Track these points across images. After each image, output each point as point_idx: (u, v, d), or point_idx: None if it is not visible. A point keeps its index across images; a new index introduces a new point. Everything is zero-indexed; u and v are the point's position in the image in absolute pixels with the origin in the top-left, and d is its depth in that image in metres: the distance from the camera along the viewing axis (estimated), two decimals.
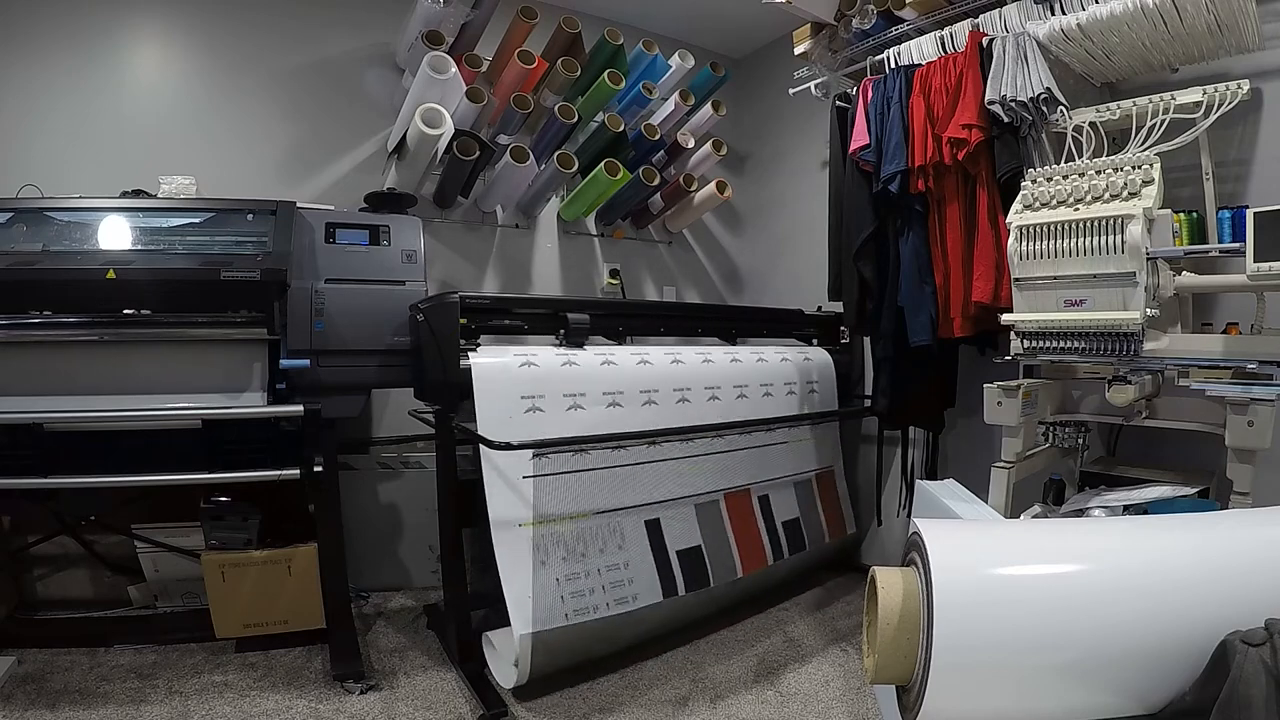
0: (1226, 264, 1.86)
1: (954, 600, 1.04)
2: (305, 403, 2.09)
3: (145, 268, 2.01)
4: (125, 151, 2.60)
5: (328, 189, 2.93)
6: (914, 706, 1.07)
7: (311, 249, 2.26)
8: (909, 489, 3.02)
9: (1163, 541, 1.13)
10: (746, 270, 4.08)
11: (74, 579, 2.49)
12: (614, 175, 2.99)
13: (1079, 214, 1.72)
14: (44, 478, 1.94)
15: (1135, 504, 1.71)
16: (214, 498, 2.22)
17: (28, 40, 2.51)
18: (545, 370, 2.19)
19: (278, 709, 1.97)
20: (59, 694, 1.99)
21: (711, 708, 2.06)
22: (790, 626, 2.64)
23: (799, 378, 2.92)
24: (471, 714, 2.00)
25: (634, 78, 3.14)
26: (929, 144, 2.29)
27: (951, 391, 2.73)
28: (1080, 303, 1.73)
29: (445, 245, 3.13)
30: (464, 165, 2.74)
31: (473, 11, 2.75)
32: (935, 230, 2.37)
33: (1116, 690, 1.02)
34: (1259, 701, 0.88)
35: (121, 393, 2.01)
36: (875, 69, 2.64)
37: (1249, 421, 1.54)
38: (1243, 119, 2.04)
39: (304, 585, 2.22)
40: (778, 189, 3.84)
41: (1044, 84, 2.02)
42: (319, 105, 2.94)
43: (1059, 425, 2.10)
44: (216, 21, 2.78)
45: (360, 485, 2.88)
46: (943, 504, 1.60)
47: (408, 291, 2.36)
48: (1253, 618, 0.95)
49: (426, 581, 2.91)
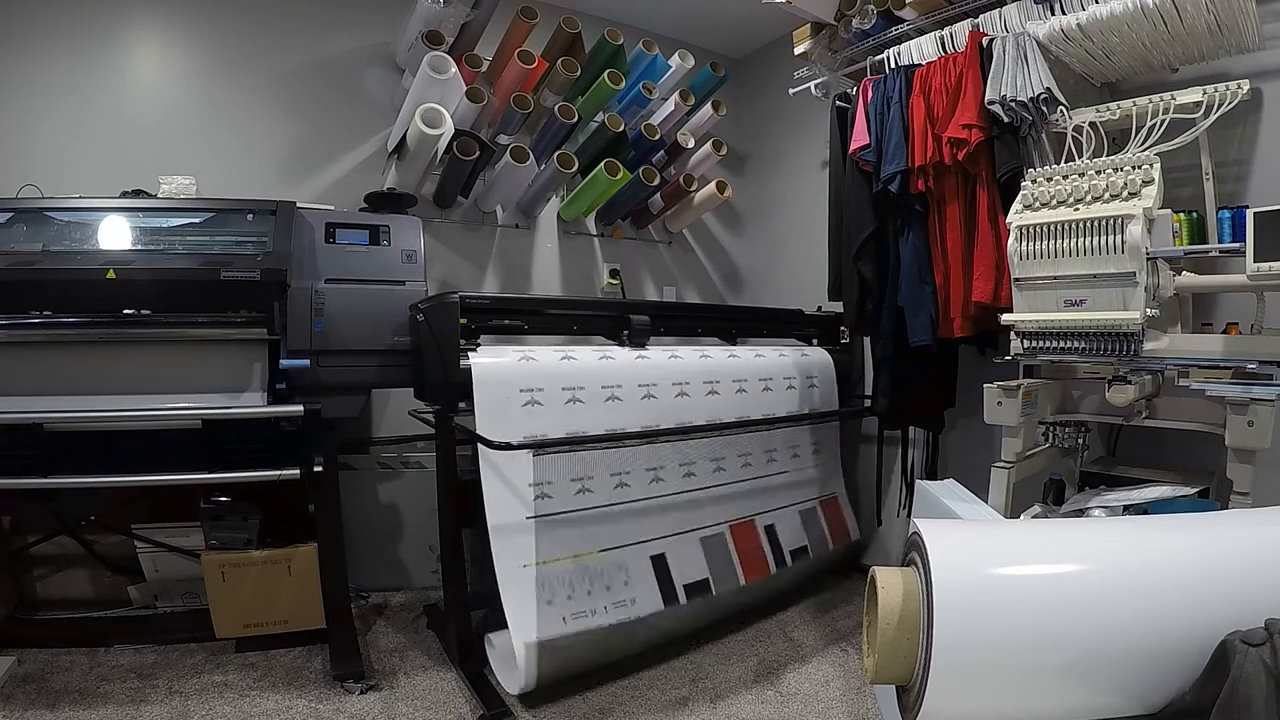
0: (1226, 264, 1.85)
1: (954, 600, 1.04)
2: (305, 403, 2.09)
3: (145, 268, 2.01)
4: (125, 151, 2.60)
5: (328, 189, 2.93)
6: (914, 706, 1.07)
7: (311, 249, 2.26)
8: (909, 489, 3.02)
9: (1163, 541, 1.13)
10: (746, 270, 4.08)
11: (74, 579, 2.49)
12: (614, 175, 2.99)
13: (1079, 214, 1.72)
14: (44, 478, 1.94)
15: (1135, 504, 1.71)
16: (214, 498, 2.22)
17: (27, 40, 2.51)
18: (544, 366, 2.20)
19: (278, 709, 1.97)
20: (59, 694, 1.99)
21: (712, 708, 2.06)
22: (791, 627, 2.64)
23: (799, 377, 2.91)
24: (471, 714, 2.00)
25: (634, 78, 3.14)
26: (929, 144, 2.29)
27: (951, 391, 2.73)
28: (1080, 303, 1.73)
29: (445, 245, 3.13)
30: (464, 165, 2.74)
31: (473, 11, 2.75)
32: (935, 230, 2.37)
33: (1116, 690, 1.02)
34: (1259, 701, 0.88)
35: (121, 393, 2.01)
36: (875, 69, 2.64)
37: (1249, 421, 1.54)
38: (1243, 119, 2.04)
39: (304, 585, 2.22)
40: (778, 189, 3.84)
41: (1044, 84, 2.02)
42: (319, 105, 2.94)
43: (1059, 425, 2.09)
44: (216, 21, 2.78)
45: (360, 485, 2.88)
46: (943, 504, 1.61)
47: (408, 291, 2.36)
48: (1253, 618, 0.95)
49: (426, 581, 2.91)
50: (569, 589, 2.09)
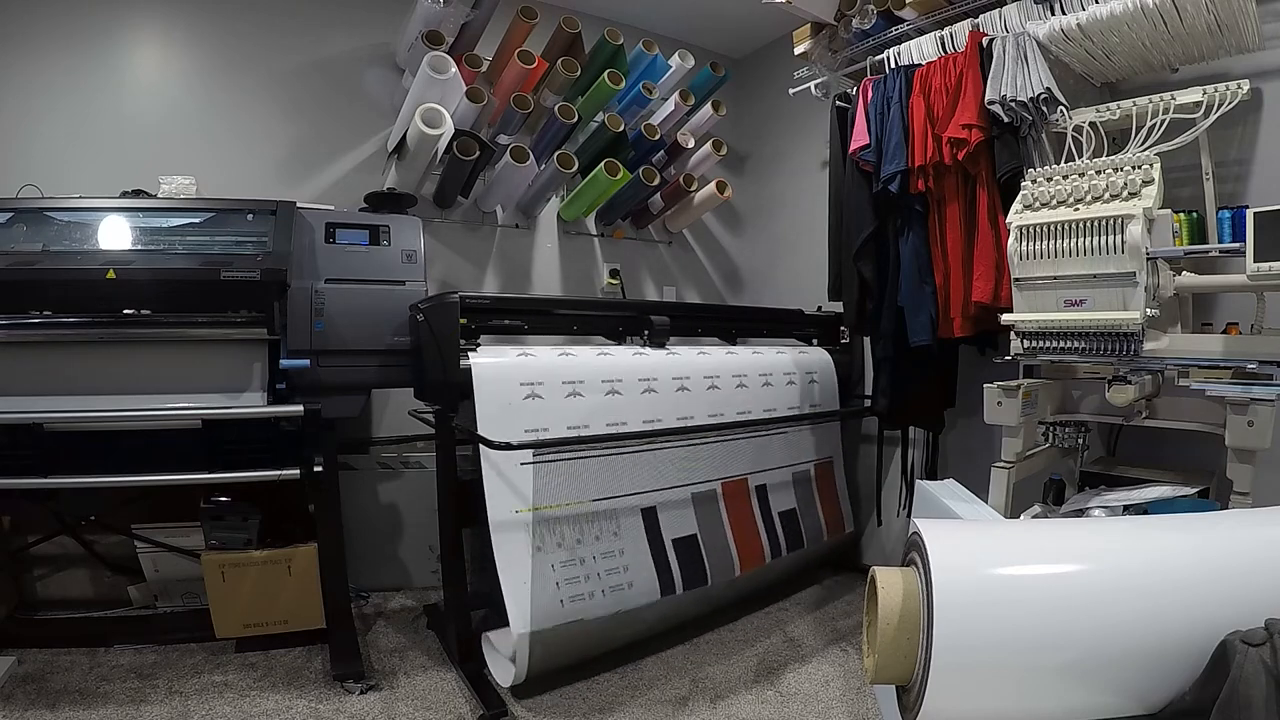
0: (1226, 264, 1.85)
1: (954, 600, 1.04)
2: (305, 403, 2.09)
3: (145, 268, 2.01)
4: (125, 151, 2.60)
5: (328, 189, 2.93)
6: (914, 706, 1.07)
7: (311, 249, 2.26)
8: (909, 489, 3.02)
9: (1163, 541, 1.13)
10: (746, 270, 4.08)
11: (74, 579, 2.49)
12: (614, 175, 2.99)
13: (1079, 214, 1.72)
14: (44, 478, 1.94)
15: (1135, 504, 1.71)
16: (214, 498, 2.22)
17: (27, 40, 2.51)
18: (544, 362, 2.21)
19: (278, 709, 1.97)
20: (59, 694, 1.99)
21: (711, 707, 2.06)
22: (790, 626, 2.64)
23: (798, 376, 2.91)
24: (471, 714, 2.00)
25: (634, 78, 3.14)
26: (929, 144, 2.29)
27: (951, 391, 2.73)
28: (1080, 303, 1.73)
29: (445, 245, 3.13)
30: (464, 165, 2.74)
31: (473, 11, 2.75)
32: (935, 230, 2.37)
33: (1116, 690, 1.02)
34: (1259, 701, 0.88)
35: (121, 393, 2.01)
36: (875, 69, 2.64)
37: (1249, 421, 1.54)
38: (1243, 119, 2.04)
39: (304, 585, 2.22)
40: (778, 189, 3.84)
41: (1044, 84, 2.02)
42: (319, 105, 2.94)
43: (1059, 425, 2.09)
44: (217, 21, 2.78)
45: (360, 485, 2.88)
46: (943, 504, 1.61)
47: (408, 291, 2.36)
48: (1253, 618, 0.95)
49: (426, 581, 2.91)
50: (562, 544, 2.12)
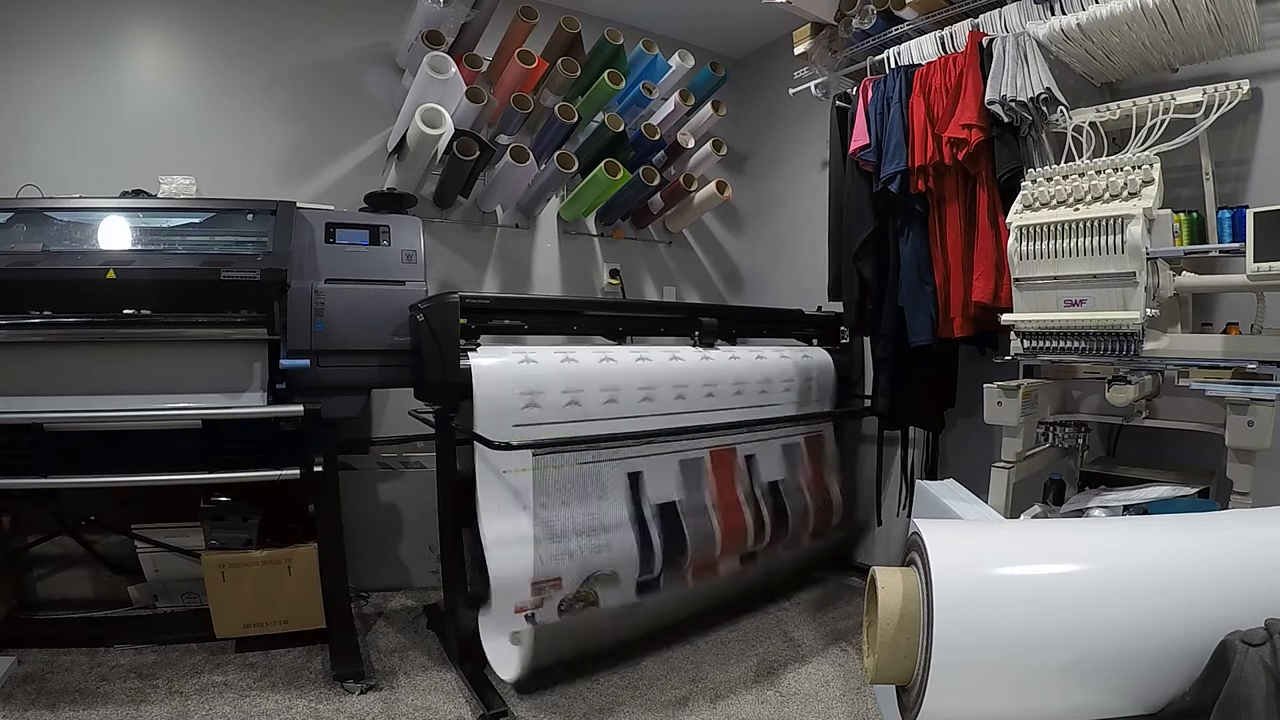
0: (1226, 264, 1.86)
1: (954, 600, 1.04)
2: (305, 403, 2.09)
3: (145, 268, 2.01)
4: (125, 151, 2.59)
5: (328, 189, 2.93)
6: (914, 706, 1.07)
7: (311, 249, 2.26)
8: (909, 489, 3.02)
9: (1163, 541, 1.13)
10: (746, 270, 4.08)
11: (74, 579, 2.49)
12: (614, 175, 2.99)
13: (1079, 214, 1.72)
14: (44, 478, 1.94)
15: (1135, 504, 1.71)
16: (214, 498, 2.22)
17: (27, 40, 2.51)
18: (544, 367, 2.20)
19: (278, 709, 1.97)
20: (59, 694, 1.98)
21: (712, 707, 2.06)
22: (790, 626, 2.64)
23: (798, 376, 2.91)
24: (472, 714, 2.00)
25: (634, 78, 3.14)
26: (929, 144, 2.29)
27: (951, 391, 2.73)
28: (1080, 303, 1.73)
29: (445, 245, 3.13)
30: (464, 165, 2.74)
31: (473, 11, 2.75)
32: (935, 230, 2.37)
33: (1116, 690, 1.02)
34: (1259, 701, 0.88)
35: (121, 393, 2.01)
36: (875, 69, 2.65)
37: (1249, 421, 1.53)
38: (1243, 119, 2.04)
39: (304, 585, 2.22)
40: (778, 189, 3.84)
41: (1044, 84, 2.02)
42: (319, 105, 2.94)
43: (1059, 425, 2.09)
44: (216, 21, 2.78)
45: (360, 485, 2.88)
46: (943, 504, 1.61)
47: (408, 291, 2.36)
48: (1253, 618, 0.95)
49: (426, 581, 2.91)
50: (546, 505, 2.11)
